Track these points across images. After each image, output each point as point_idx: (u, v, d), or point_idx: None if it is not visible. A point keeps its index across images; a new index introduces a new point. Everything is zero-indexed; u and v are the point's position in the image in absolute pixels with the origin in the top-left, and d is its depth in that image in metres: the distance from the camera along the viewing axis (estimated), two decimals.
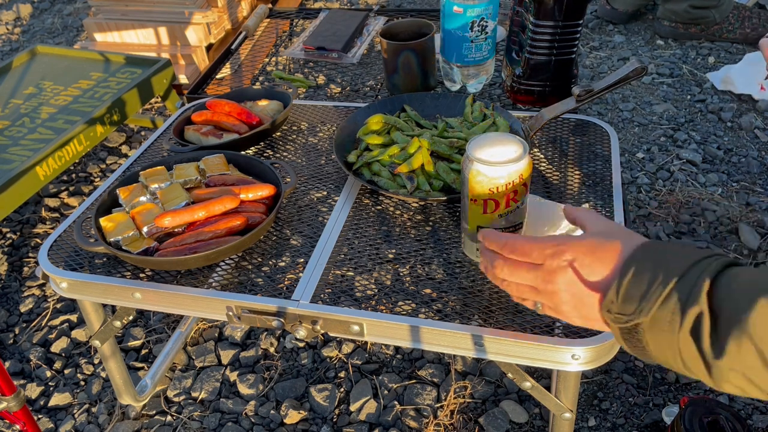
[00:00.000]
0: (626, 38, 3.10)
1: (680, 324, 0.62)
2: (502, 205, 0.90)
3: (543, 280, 0.75)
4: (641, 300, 0.65)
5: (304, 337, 1.00)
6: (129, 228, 1.11)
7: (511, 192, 0.89)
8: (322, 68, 2.08)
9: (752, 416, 1.52)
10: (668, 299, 0.63)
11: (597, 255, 0.71)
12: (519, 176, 0.88)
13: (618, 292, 0.67)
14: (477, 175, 0.88)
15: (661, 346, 0.65)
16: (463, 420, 1.55)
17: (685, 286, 0.63)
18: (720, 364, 0.60)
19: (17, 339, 1.89)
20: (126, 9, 2.89)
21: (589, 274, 0.71)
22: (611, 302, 0.68)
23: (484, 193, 0.89)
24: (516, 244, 0.77)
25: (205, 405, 1.65)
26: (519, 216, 0.93)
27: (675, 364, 0.66)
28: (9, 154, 2.05)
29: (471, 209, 0.93)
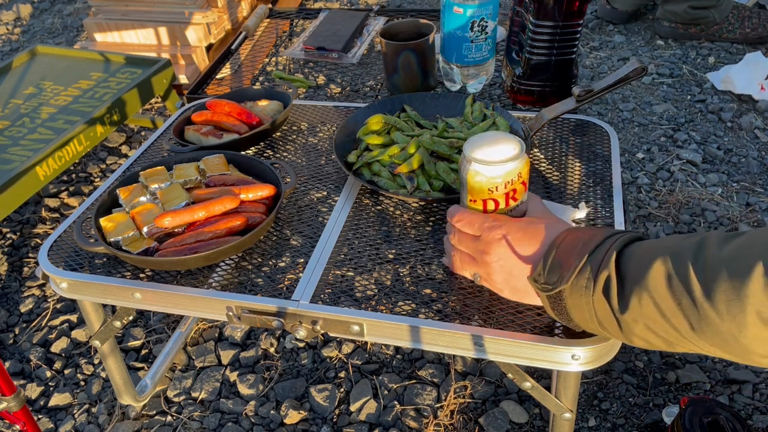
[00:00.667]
0: (626, 38, 3.10)
1: (593, 287, 0.74)
2: (502, 205, 0.90)
3: (480, 250, 0.88)
4: (564, 270, 0.77)
5: (304, 337, 1.00)
6: (129, 228, 1.11)
7: (511, 191, 0.89)
8: (322, 68, 2.08)
9: (752, 416, 1.52)
10: (584, 268, 0.75)
11: (527, 232, 0.84)
12: (518, 174, 0.88)
13: (545, 265, 0.80)
14: (475, 175, 0.88)
15: (580, 309, 0.77)
16: (463, 420, 1.55)
17: (598, 255, 0.75)
18: (626, 318, 0.72)
19: (17, 339, 1.89)
20: (126, 9, 2.90)
21: (519, 248, 0.84)
22: (539, 274, 0.81)
23: (483, 193, 0.89)
24: (464, 215, 0.90)
25: (205, 405, 1.65)
26: (519, 214, 0.93)
27: (592, 323, 0.77)
28: (9, 154, 2.05)
29: (471, 209, 0.93)
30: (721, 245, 0.65)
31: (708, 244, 0.66)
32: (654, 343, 0.72)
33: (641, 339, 0.73)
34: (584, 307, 0.76)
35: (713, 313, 0.63)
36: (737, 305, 0.61)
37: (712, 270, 0.64)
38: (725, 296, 0.62)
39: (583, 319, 0.79)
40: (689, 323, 0.66)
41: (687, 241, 0.69)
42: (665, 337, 0.70)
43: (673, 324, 0.67)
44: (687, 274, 0.65)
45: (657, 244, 0.72)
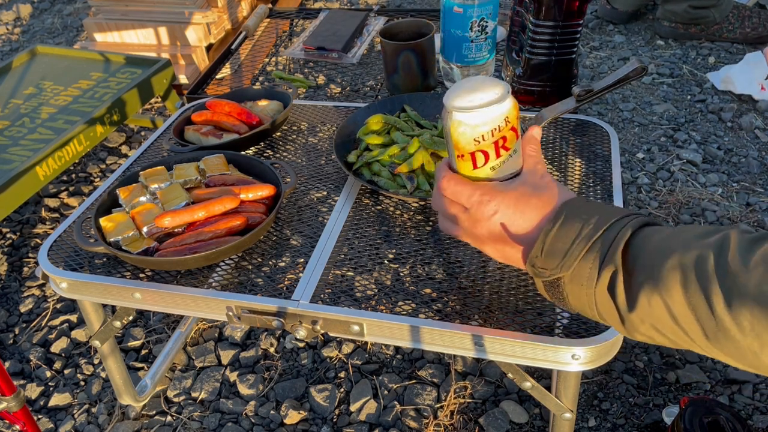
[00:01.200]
0: (626, 38, 3.10)
1: (597, 279, 0.68)
2: (492, 156, 0.79)
3: (469, 223, 0.80)
4: (564, 256, 0.70)
5: (304, 337, 1.00)
6: (129, 228, 1.11)
7: (500, 139, 0.78)
8: (322, 68, 2.08)
9: (752, 416, 1.52)
10: (587, 256, 0.69)
11: (520, 208, 0.76)
12: (504, 120, 0.78)
13: (542, 247, 0.72)
14: (458, 126, 0.78)
15: (579, 299, 0.71)
16: (463, 420, 1.55)
17: (604, 244, 0.68)
18: (632, 317, 0.67)
19: (17, 339, 1.89)
20: (126, 9, 2.89)
21: (510, 226, 0.76)
22: (535, 257, 0.73)
23: (469, 146, 0.78)
24: (450, 185, 0.80)
25: (205, 405, 1.65)
26: (514, 165, 0.81)
27: (591, 314, 0.72)
28: (9, 154, 2.05)
29: (460, 167, 0.81)
30: (746, 255, 0.59)
31: (731, 247, 0.61)
32: (658, 341, 0.68)
33: (644, 336, 0.68)
34: (584, 298, 0.71)
35: (734, 327, 0.58)
36: (764, 324, 0.57)
37: (736, 282, 0.59)
38: (750, 313, 0.57)
39: (581, 307, 0.73)
40: (703, 331, 0.61)
41: (706, 240, 0.63)
42: (672, 339, 0.66)
43: (685, 329, 0.63)
44: (707, 279, 0.60)
45: (671, 237, 0.66)
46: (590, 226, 0.69)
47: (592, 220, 0.70)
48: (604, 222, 0.69)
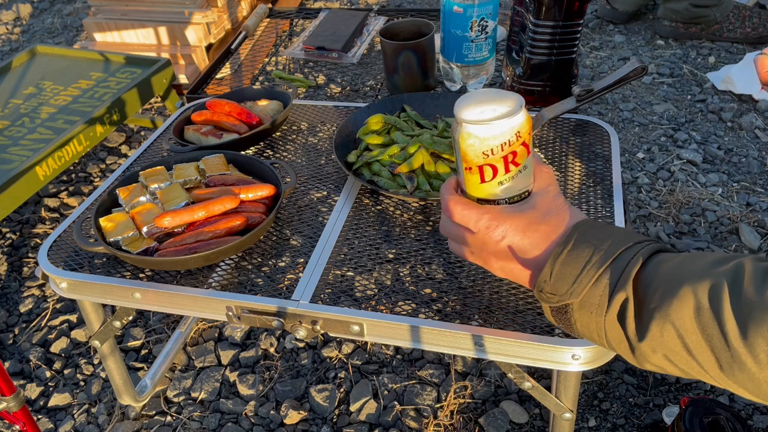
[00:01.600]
0: (626, 38, 3.10)
1: (607, 308, 0.66)
2: (501, 171, 0.77)
3: (477, 247, 0.78)
4: (573, 282, 0.68)
5: (304, 337, 1.00)
6: (129, 228, 1.11)
7: (509, 154, 0.75)
8: (322, 68, 2.08)
9: (753, 416, 1.52)
10: (597, 283, 0.67)
11: (528, 234, 0.74)
12: (515, 134, 0.75)
13: (551, 272, 0.70)
14: (467, 138, 0.75)
15: (588, 326, 0.69)
16: (463, 420, 1.55)
17: (615, 271, 0.66)
18: (643, 347, 0.65)
19: (17, 339, 1.89)
20: (126, 9, 2.89)
21: (518, 252, 0.75)
22: (544, 282, 0.71)
23: (478, 159, 0.76)
24: (457, 209, 0.78)
25: (204, 405, 1.65)
26: (523, 182, 0.78)
27: (600, 342, 0.70)
28: (9, 154, 2.05)
29: (467, 180, 0.79)
30: (761, 285, 0.58)
31: (745, 277, 0.59)
32: (669, 371, 0.66)
33: (655, 366, 0.66)
34: (593, 326, 0.69)
35: (750, 360, 0.57)
36: None
37: (751, 312, 0.57)
38: (767, 344, 0.56)
39: (589, 335, 0.71)
40: (718, 363, 0.60)
41: (720, 269, 0.61)
42: (685, 369, 0.64)
43: (699, 360, 0.61)
44: (720, 309, 0.59)
45: (684, 265, 0.64)
46: (601, 252, 0.67)
47: (603, 246, 0.68)
48: (616, 248, 0.67)
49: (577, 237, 0.70)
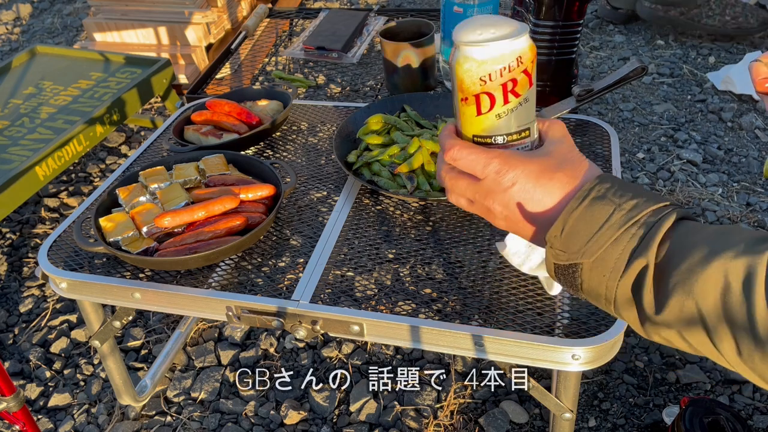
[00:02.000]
0: (626, 38, 3.10)
1: (623, 273, 0.60)
2: (500, 101, 0.69)
3: (480, 195, 0.69)
4: (588, 240, 0.62)
5: (304, 337, 1.00)
6: (129, 228, 1.10)
7: (509, 81, 0.68)
8: (322, 68, 2.08)
9: (753, 416, 1.52)
10: (615, 245, 0.60)
11: (541, 181, 0.66)
12: (516, 59, 0.68)
13: (563, 227, 0.63)
14: (464, 62, 0.68)
15: (596, 289, 0.63)
16: (464, 420, 1.55)
17: (636, 234, 0.60)
18: (657, 319, 0.60)
19: (17, 339, 1.89)
20: (126, 9, 2.89)
21: (529, 201, 0.66)
22: (554, 236, 0.64)
23: (474, 86, 0.69)
24: (462, 153, 0.69)
25: (204, 405, 1.65)
26: (524, 117, 0.70)
27: (606, 307, 0.64)
28: (8, 154, 2.05)
29: (463, 114, 0.71)
30: None
31: None
32: (677, 345, 0.62)
33: (663, 339, 0.62)
34: (602, 290, 0.62)
35: None
36: None
37: None
38: None
39: (594, 298, 0.65)
40: (737, 347, 0.56)
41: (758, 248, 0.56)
42: (696, 348, 0.60)
43: (715, 342, 0.58)
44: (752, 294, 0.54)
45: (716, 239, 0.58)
46: (623, 211, 0.61)
47: (625, 205, 0.61)
48: (640, 209, 0.61)
49: (596, 191, 0.63)
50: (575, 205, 0.63)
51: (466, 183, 0.70)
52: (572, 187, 0.66)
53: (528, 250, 0.99)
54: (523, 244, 1.00)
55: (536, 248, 0.99)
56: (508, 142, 0.70)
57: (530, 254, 0.99)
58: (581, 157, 0.69)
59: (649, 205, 0.61)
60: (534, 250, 0.99)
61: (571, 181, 0.66)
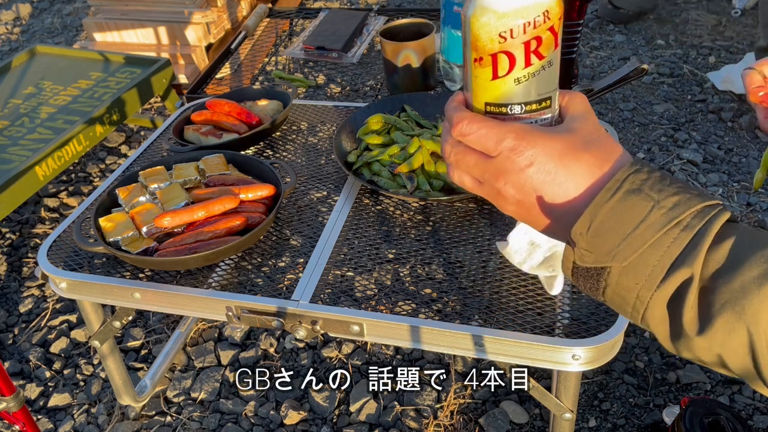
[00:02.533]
0: (627, 38, 3.10)
1: (660, 283, 0.51)
2: (520, 63, 0.59)
3: (491, 174, 0.59)
4: (620, 242, 0.52)
5: (303, 337, 1.00)
6: (128, 228, 1.10)
7: (533, 39, 0.58)
8: (322, 68, 2.08)
9: (753, 416, 1.52)
10: (653, 249, 0.51)
11: (565, 163, 0.55)
12: (543, 13, 0.57)
13: (590, 223, 0.53)
14: (481, 14, 0.58)
15: (624, 297, 0.54)
16: (464, 421, 1.55)
17: (680, 239, 0.51)
18: (698, 341, 0.51)
19: (16, 339, 1.89)
20: (125, 9, 2.89)
21: (548, 185, 0.56)
22: (579, 234, 0.54)
23: (492, 44, 0.58)
24: (472, 127, 0.58)
25: (204, 405, 1.65)
26: (547, 84, 0.60)
27: (631, 316, 0.55)
28: (8, 154, 2.05)
29: (476, 78, 0.60)
30: None
31: None
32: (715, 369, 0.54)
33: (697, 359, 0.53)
34: (631, 299, 0.53)
35: None
36: None
37: None
38: None
39: (619, 306, 0.55)
40: None
41: None
42: (738, 374, 0.52)
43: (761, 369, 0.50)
44: None
45: None
46: (663, 209, 0.51)
47: (665, 202, 0.51)
48: (683, 208, 0.51)
49: (630, 182, 0.53)
50: (606, 198, 0.53)
51: (475, 159, 0.59)
52: (601, 173, 0.55)
53: (529, 248, 0.99)
54: (524, 242, 0.99)
55: (538, 247, 0.99)
56: (527, 112, 0.60)
57: (532, 253, 0.99)
58: (609, 138, 0.58)
59: (694, 204, 0.51)
60: (535, 249, 0.99)
61: (599, 164, 0.55)
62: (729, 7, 3.23)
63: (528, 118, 0.59)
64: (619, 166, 0.55)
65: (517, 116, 0.59)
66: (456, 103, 0.63)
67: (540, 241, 0.99)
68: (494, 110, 0.60)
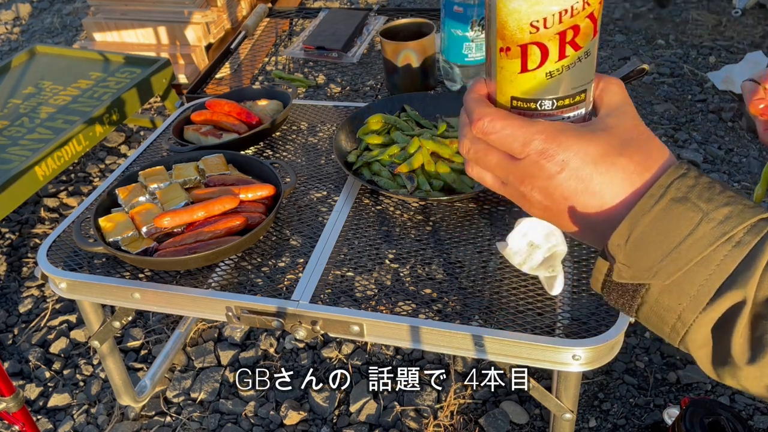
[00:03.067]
0: (627, 37, 3.10)
1: (707, 305, 0.46)
2: (553, 55, 0.51)
3: (515, 177, 0.53)
4: (664, 257, 0.46)
5: (303, 337, 1.00)
6: (128, 228, 1.10)
7: (569, 29, 0.50)
8: (322, 68, 2.08)
9: (753, 417, 1.52)
10: (701, 268, 0.46)
11: (601, 169, 0.49)
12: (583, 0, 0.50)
13: (630, 234, 0.47)
14: None
15: (663, 317, 0.49)
16: (464, 421, 1.55)
17: (731, 254, 0.45)
18: (748, 370, 0.47)
19: (16, 339, 1.89)
20: (125, 8, 2.89)
21: (581, 193, 0.50)
22: (616, 245, 0.48)
23: (522, 33, 0.50)
24: (492, 127, 0.52)
25: (204, 406, 1.64)
26: (582, 76, 0.52)
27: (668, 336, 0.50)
28: (8, 154, 2.05)
29: (502, 68, 0.52)
30: None
31: None
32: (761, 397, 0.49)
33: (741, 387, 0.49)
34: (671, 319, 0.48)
35: None
36: None
37: None
38: None
39: (654, 326, 0.50)
40: None
41: None
42: None
43: None
44: None
45: None
46: (712, 222, 0.46)
47: (715, 213, 0.46)
48: (736, 221, 0.46)
49: (676, 190, 0.47)
50: (649, 206, 0.47)
51: (498, 159, 0.53)
52: (643, 181, 0.49)
53: (529, 249, 0.99)
54: (524, 243, 0.99)
55: (537, 247, 0.99)
56: (558, 108, 0.53)
57: (531, 253, 0.99)
58: (649, 135, 0.52)
59: (747, 217, 0.46)
60: (535, 250, 0.99)
61: (639, 171, 0.49)
62: (729, 7, 3.23)
63: (559, 114, 0.53)
64: (661, 171, 0.49)
65: (548, 112, 0.52)
66: (477, 95, 0.55)
67: (539, 242, 0.99)
68: (521, 105, 0.53)
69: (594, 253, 1.04)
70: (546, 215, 0.54)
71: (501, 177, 0.54)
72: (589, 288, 0.98)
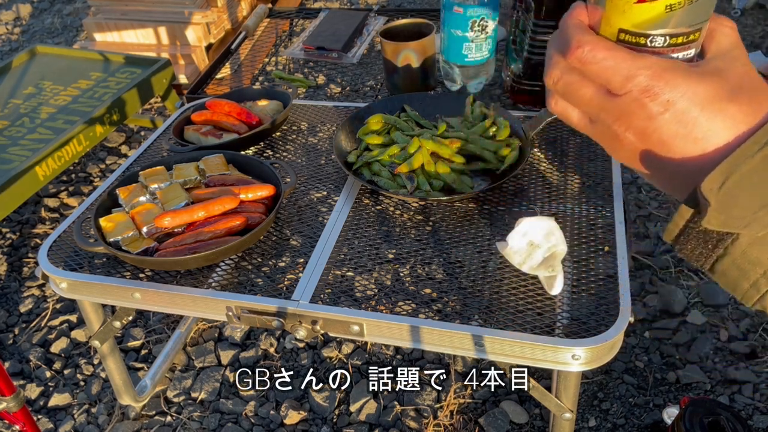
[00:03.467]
0: None
1: None
2: None
3: (610, 115, 0.48)
4: (763, 206, 0.43)
5: (303, 337, 1.00)
6: (129, 228, 1.10)
7: None
8: (322, 68, 2.08)
9: (753, 416, 1.52)
10: None
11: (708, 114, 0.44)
12: None
13: (726, 177, 0.43)
14: None
15: (744, 271, 0.45)
16: (463, 420, 1.55)
17: None
18: None
19: (17, 339, 1.89)
20: (126, 9, 2.89)
21: (683, 138, 0.45)
22: (710, 190, 0.44)
23: None
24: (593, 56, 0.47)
25: (204, 405, 1.65)
26: (702, 12, 0.46)
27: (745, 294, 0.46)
28: (8, 154, 2.05)
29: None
30: None
31: None
32: None
33: None
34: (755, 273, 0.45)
35: None
36: None
37: None
38: None
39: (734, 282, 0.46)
40: None
41: None
42: None
43: None
44: None
45: None
46: None
47: None
48: None
49: None
50: (752, 151, 0.43)
51: (592, 93, 0.48)
52: (748, 127, 0.45)
53: (529, 249, 0.99)
54: (524, 243, 1.00)
55: (537, 247, 0.99)
56: (669, 45, 0.47)
57: (531, 253, 0.99)
58: (761, 83, 0.48)
59: None
60: (535, 249, 0.99)
61: (747, 120, 0.45)
62: (729, 7, 3.23)
63: (669, 53, 0.47)
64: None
65: (657, 49, 0.47)
66: (578, 20, 0.50)
67: (539, 242, 0.99)
68: (629, 39, 0.47)
69: (594, 252, 1.04)
70: (632, 159, 0.50)
71: (591, 114, 0.50)
72: (588, 288, 0.98)
